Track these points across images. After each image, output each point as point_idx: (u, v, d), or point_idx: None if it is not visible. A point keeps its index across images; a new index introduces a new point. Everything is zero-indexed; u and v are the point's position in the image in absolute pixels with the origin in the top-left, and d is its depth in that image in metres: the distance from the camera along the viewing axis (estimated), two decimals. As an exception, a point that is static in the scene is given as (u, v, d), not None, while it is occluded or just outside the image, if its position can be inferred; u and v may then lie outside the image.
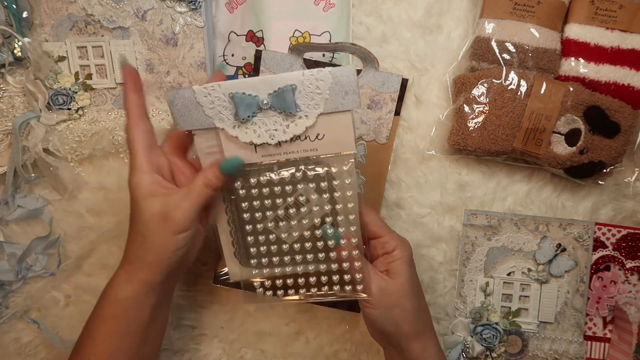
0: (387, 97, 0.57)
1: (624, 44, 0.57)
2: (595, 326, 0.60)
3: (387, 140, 0.57)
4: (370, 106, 0.57)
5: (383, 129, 0.57)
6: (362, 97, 0.55)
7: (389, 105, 0.57)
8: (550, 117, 0.56)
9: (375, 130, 0.57)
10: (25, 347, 0.60)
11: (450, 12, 0.60)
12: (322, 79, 0.42)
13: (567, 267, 0.58)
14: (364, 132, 0.57)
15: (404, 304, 0.45)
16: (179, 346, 0.61)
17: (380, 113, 0.57)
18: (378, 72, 0.56)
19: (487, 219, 0.59)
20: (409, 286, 0.46)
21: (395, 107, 0.57)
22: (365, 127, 0.56)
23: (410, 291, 0.46)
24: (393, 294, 0.45)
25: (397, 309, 0.45)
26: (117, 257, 0.59)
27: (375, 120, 0.57)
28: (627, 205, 0.61)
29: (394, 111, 0.57)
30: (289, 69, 0.54)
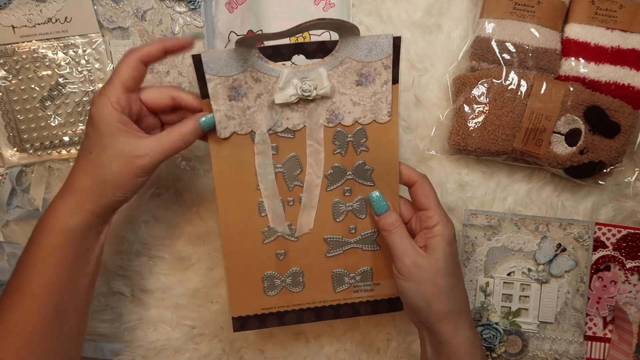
0: (379, 65, 0.47)
1: (624, 44, 0.57)
2: (595, 326, 0.60)
3: (389, 117, 0.48)
4: (359, 82, 0.47)
5: (382, 105, 0.48)
6: (347, 73, 0.47)
7: (383, 75, 0.47)
8: (550, 117, 0.56)
9: (372, 108, 0.48)
10: (25, 347, 0.60)
11: (450, 12, 0.60)
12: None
13: (567, 267, 0.58)
14: (359, 115, 0.48)
15: (436, 280, 0.45)
16: (179, 346, 0.61)
17: (374, 87, 0.48)
18: (360, 39, 0.46)
19: (487, 219, 0.59)
20: (444, 264, 0.45)
21: (392, 74, 0.47)
22: (359, 109, 0.48)
23: (445, 270, 0.45)
24: (425, 269, 0.45)
25: (428, 284, 0.45)
26: (117, 257, 0.60)
27: (370, 97, 0.48)
28: (627, 205, 0.60)
29: (391, 80, 0.47)
30: (243, 65, 0.45)
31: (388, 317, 0.61)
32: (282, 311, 0.52)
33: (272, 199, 0.49)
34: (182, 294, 0.61)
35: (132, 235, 0.60)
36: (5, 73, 0.57)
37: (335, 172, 0.49)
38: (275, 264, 0.51)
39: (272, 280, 0.51)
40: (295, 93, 0.46)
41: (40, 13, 0.56)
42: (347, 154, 0.49)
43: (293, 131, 0.48)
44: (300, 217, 0.50)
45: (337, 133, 0.48)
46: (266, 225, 0.50)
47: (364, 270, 0.52)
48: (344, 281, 0.52)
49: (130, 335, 0.60)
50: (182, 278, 0.60)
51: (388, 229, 0.47)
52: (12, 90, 0.57)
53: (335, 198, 0.50)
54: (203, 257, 0.60)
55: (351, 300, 0.52)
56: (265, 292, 0.51)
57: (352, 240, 0.51)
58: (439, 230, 0.46)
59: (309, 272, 0.51)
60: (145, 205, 0.60)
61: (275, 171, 0.49)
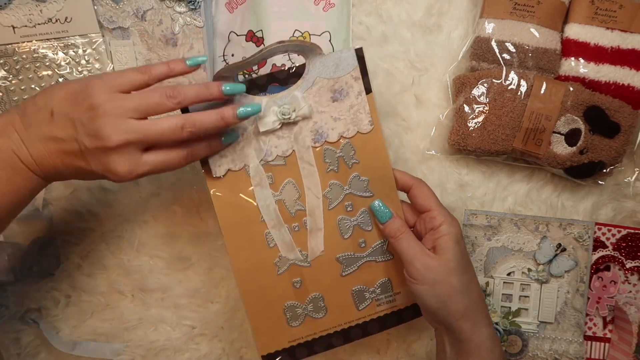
0: (349, 78, 0.49)
1: (624, 44, 0.57)
2: (595, 326, 0.60)
3: (372, 126, 0.49)
4: (334, 98, 0.49)
5: (361, 115, 0.49)
6: (321, 92, 0.48)
7: (355, 87, 0.49)
8: (550, 117, 0.56)
9: (353, 121, 0.49)
10: (25, 347, 0.60)
11: (450, 12, 0.60)
12: None
13: (567, 267, 0.58)
14: (342, 130, 0.49)
15: (450, 280, 0.44)
16: (179, 346, 0.61)
17: (349, 100, 0.49)
18: (325, 57, 0.48)
19: (487, 219, 0.59)
20: (455, 263, 0.45)
21: (364, 85, 0.49)
22: (341, 124, 0.49)
23: (456, 269, 0.45)
24: (437, 270, 0.45)
25: (442, 285, 0.44)
26: (117, 257, 0.60)
27: (348, 111, 0.49)
28: (627, 205, 0.60)
29: (364, 90, 0.49)
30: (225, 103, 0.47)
31: (388, 317, 0.61)
32: (310, 340, 0.51)
33: (278, 228, 0.49)
34: (182, 294, 0.61)
35: (132, 235, 0.60)
36: (5, 73, 0.57)
37: (333, 190, 0.50)
38: (294, 293, 0.51)
39: (293, 310, 0.51)
40: (276, 119, 0.47)
41: (40, 13, 0.56)
42: (340, 169, 0.49)
43: (283, 157, 0.49)
44: (310, 241, 0.50)
45: (326, 151, 0.49)
46: (277, 255, 0.50)
47: (382, 282, 0.52)
48: (364, 297, 0.51)
49: (130, 335, 0.60)
50: (182, 278, 0.61)
51: (394, 236, 0.47)
52: (12, 90, 0.57)
53: (339, 215, 0.50)
54: (203, 257, 0.60)
55: (376, 315, 0.52)
56: (289, 324, 0.51)
57: (364, 255, 0.51)
58: (445, 230, 0.46)
59: (328, 295, 0.51)
60: (145, 205, 0.60)
61: (275, 199, 0.49)
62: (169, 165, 0.43)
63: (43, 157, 0.42)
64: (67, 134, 0.41)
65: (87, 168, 0.42)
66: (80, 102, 0.41)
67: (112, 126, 0.40)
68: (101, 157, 0.41)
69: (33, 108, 0.42)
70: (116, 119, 0.40)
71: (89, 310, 0.60)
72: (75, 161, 0.42)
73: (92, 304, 0.60)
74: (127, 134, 0.40)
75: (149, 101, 0.41)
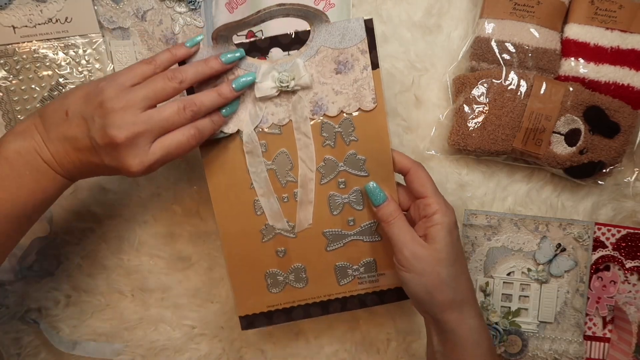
0: (355, 50, 0.46)
1: (623, 44, 0.57)
2: (595, 326, 0.60)
3: (375, 104, 0.47)
4: (338, 70, 0.47)
5: (365, 92, 0.47)
6: (325, 62, 0.47)
7: (362, 60, 0.47)
8: (550, 117, 0.56)
9: (355, 96, 0.47)
10: (25, 347, 0.60)
11: (450, 12, 0.60)
12: None
13: (567, 267, 0.58)
14: (343, 104, 0.47)
15: (438, 271, 0.44)
16: (179, 346, 0.61)
17: (353, 74, 0.47)
18: (331, 25, 0.46)
19: (487, 219, 0.59)
20: (445, 254, 0.44)
21: (370, 59, 0.47)
22: (342, 98, 0.47)
23: (446, 259, 0.44)
24: (426, 260, 0.44)
25: (430, 275, 0.44)
26: (117, 257, 0.60)
27: (352, 85, 0.47)
28: (627, 205, 0.61)
29: (370, 65, 0.47)
30: None
31: (388, 317, 0.61)
32: (289, 307, 0.52)
33: (267, 197, 0.49)
34: (182, 294, 0.61)
35: (132, 235, 0.60)
36: (5, 73, 0.57)
37: (327, 165, 0.49)
38: (277, 262, 0.51)
39: (274, 277, 0.51)
40: (274, 85, 0.46)
41: (40, 13, 0.56)
42: (337, 145, 0.49)
43: (279, 126, 0.48)
44: (299, 212, 0.50)
45: (324, 124, 0.48)
46: (263, 223, 0.50)
47: (367, 261, 0.51)
48: (347, 274, 0.52)
49: (130, 335, 0.60)
50: (182, 278, 0.61)
51: (387, 220, 0.47)
52: (12, 91, 0.57)
53: (330, 191, 0.50)
54: (203, 257, 0.60)
55: (357, 292, 0.52)
56: (269, 290, 0.51)
57: (351, 233, 0.51)
58: (439, 219, 0.45)
59: (310, 267, 0.51)
60: (145, 205, 0.60)
61: (266, 168, 0.49)
62: (178, 147, 0.43)
63: (62, 156, 0.43)
64: (81, 131, 0.42)
65: (102, 164, 0.43)
66: (92, 100, 0.42)
67: (120, 121, 0.41)
68: (112, 152, 0.42)
69: (51, 110, 0.43)
70: (124, 113, 0.41)
71: (89, 310, 0.60)
72: (90, 158, 0.43)
73: (92, 304, 0.60)
74: (134, 126, 0.41)
75: (154, 88, 0.42)
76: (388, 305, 0.60)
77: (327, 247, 0.51)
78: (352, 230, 0.51)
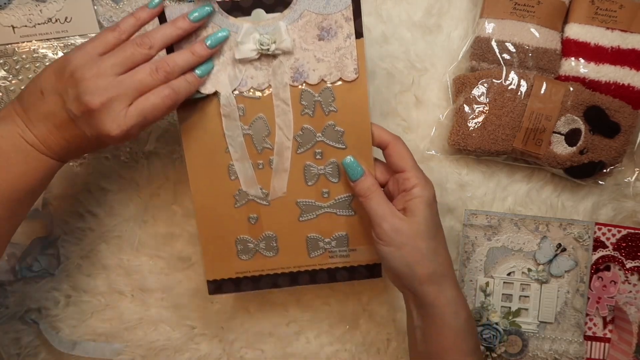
0: (339, 17, 0.45)
1: (624, 44, 0.57)
2: (595, 326, 0.60)
3: (356, 75, 0.46)
4: (321, 37, 0.45)
5: (347, 61, 0.46)
6: (308, 27, 0.45)
7: (345, 28, 0.45)
8: (550, 117, 0.56)
9: (337, 65, 0.46)
10: (25, 347, 0.60)
11: (450, 12, 0.60)
12: None
13: (567, 267, 0.58)
14: (324, 73, 0.46)
15: (416, 244, 0.44)
16: (179, 346, 0.61)
17: (336, 42, 0.46)
18: None
19: (487, 219, 0.59)
20: (424, 227, 0.44)
21: (355, 27, 0.45)
22: (323, 66, 0.46)
23: (425, 232, 0.44)
24: (405, 233, 0.44)
25: (408, 248, 0.44)
26: (117, 257, 0.60)
27: (334, 53, 0.46)
28: (627, 205, 0.60)
29: (354, 33, 0.46)
30: None
31: (388, 317, 0.61)
32: (257, 275, 0.52)
33: (242, 162, 0.49)
34: (182, 294, 0.61)
35: (132, 235, 0.60)
36: (5, 73, 0.57)
37: (305, 134, 0.49)
38: (248, 228, 0.50)
39: (245, 244, 0.51)
40: (254, 48, 0.45)
41: (40, 13, 0.56)
42: (316, 114, 0.48)
43: (258, 90, 0.47)
44: (273, 180, 0.49)
45: (304, 92, 0.48)
46: (237, 189, 0.50)
47: (339, 235, 0.51)
48: (318, 246, 0.51)
49: (130, 335, 0.60)
50: (182, 278, 0.61)
51: (364, 195, 0.46)
52: (12, 91, 0.57)
53: (306, 161, 0.49)
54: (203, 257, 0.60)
55: (327, 266, 0.52)
56: (239, 256, 0.51)
57: (325, 205, 0.50)
58: (418, 192, 0.45)
59: (282, 236, 0.51)
60: (145, 205, 0.60)
61: (242, 133, 0.48)
62: (154, 108, 0.43)
63: (46, 137, 0.43)
64: (57, 107, 0.42)
65: (83, 135, 0.43)
66: (63, 74, 0.42)
67: (93, 87, 0.41)
68: (90, 120, 0.42)
69: (27, 93, 0.44)
70: (96, 79, 0.41)
71: (89, 310, 0.60)
72: (71, 131, 0.43)
73: (92, 304, 0.60)
74: (106, 91, 0.41)
75: (123, 55, 0.42)
76: (388, 305, 0.60)
77: (300, 217, 0.50)
78: (326, 202, 0.50)
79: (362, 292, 0.61)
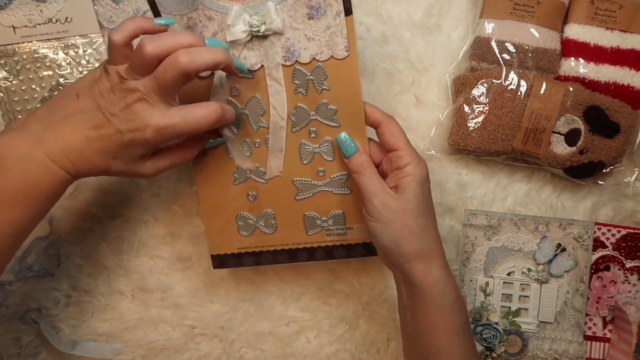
0: None
1: (623, 44, 0.57)
2: (595, 326, 0.60)
3: (347, 52, 0.46)
4: (310, 15, 0.46)
5: (337, 39, 0.46)
6: (297, 6, 0.46)
7: (334, 6, 0.45)
8: (550, 117, 0.56)
9: (328, 44, 0.46)
10: (25, 347, 0.60)
11: (450, 12, 0.60)
12: None
13: (566, 267, 0.58)
14: (315, 51, 0.46)
15: (405, 220, 0.44)
16: (179, 346, 0.61)
17: (326, 20, 0.46)
18: None
19: (487, 219, 0.59)
20: (414, 204, 0.44)
21: (344, 5, 0.45)
22: (314, 44, 0.46)
23: (415, 209, 0.44)
24: (394, 209, 0.44)
25: (397, 224, 0.44)
26: (117, 257, 0.60)
27: (324, 32, 0.46)
28: (627, 205, 0.61)
29: (343, 11, 0.46)
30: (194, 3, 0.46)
31: (388, 317, 0.61)
32: (257, 251, 0.53)
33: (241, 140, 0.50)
34: (182, 294, 0.61)
35: (132, 235, 0.60)
36: (6, 73, 0.57)
37: (299, 113, 0.49)
38: (248, 205, 0.52)
39: (245, 220, 0.52)
40: (245, 29, 0.45)
41: (40, 13, 0.56)
42: (309, 93, 0.48)
43: (252, 71, 0.48)
44: (270, 160, 0.50)
45: (296, 71, 0.48)
46: (236, 166, 0.51)
47: (335, 213, 0.52)
48: (315, 224, 0.52)
49: (130, 335, 0.60)
50: (182, 278, 0.61)
51: (357, 171, 0.47)
52: (12, 91, 0.57)
53: (301, 140, 0.50)
54: (203, 257, 0.60)
55: (324, 244, 0.53)
56: (240, 232, 0.52)
57: (320, 183, 0.51)
58: (410, 170, 0.45)
59: (280, 214, 0.52)
60: (145, 205, 0.60)
61: (239, 112, 0.49)
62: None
63: (67, 136, 0.42)
64: (91, 106, 0.42)
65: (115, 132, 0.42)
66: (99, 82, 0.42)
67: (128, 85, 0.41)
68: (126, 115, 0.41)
69: (60, 96, 0.44)
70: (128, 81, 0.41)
71: (89, 310, 0.60)
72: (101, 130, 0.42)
73: (92, 303, 0.60)
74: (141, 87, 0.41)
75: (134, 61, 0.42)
76: (388, 305, 0.60)
77: (297, 195, 0.51)
78: (321, 181, 0.51)
79: (362, 292, 0.61)
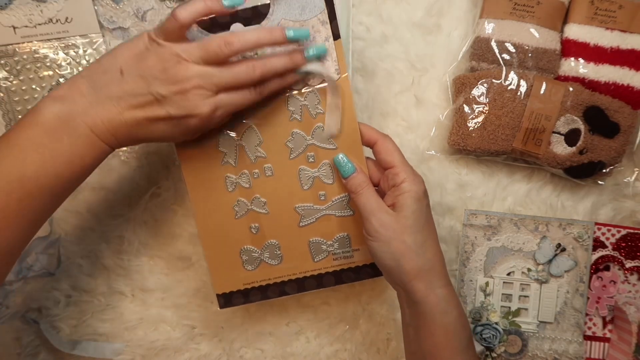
0: (315, 22, 0.46)
1: (623, 44, 0.57)
2: (594, 326, 0.60)
3: (339, 75, 0.47)
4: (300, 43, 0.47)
5: (328, 63, 0.47)
6: None
7: (323, 32, 0.47)
8: (550, 117, 0.56)
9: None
10: (25, 347, 0.60)
11: (450, 12, 0.60)
12: None
13: (566, 267, 0.58)
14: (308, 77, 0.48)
15: (404, 238, 0.44)
16: (179, 346, 0.61)
17: None
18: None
19: (487, 219, 0.59)
20: (411, 221, 0.44)
21: (332, 30, 0.47)
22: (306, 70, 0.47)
23: (412, 226, 0.44)
24: (392, 227, 0.44)
25: (396, 242, 0.44)
26: (117, 257, 0.60)
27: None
28: (627, 205, 0.61)
29: (332, 35, 0.47)
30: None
31: (388, 317, 0.61)
32: (264, 285, 0.52)
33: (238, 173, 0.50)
34: (182, 294, 0.61)
35: (132, 235, 0.60)
36: (6, 73, 0.57)
37: (296, 139, 0.49)
38: (251, 238, 0.51)
39: (249, 254, 0.51)
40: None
41: (40, 13, 0.56)
42: (304, 118, 0.49)
43: None
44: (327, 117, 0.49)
45: (290, 98, 0.48)
46: (236, 199, 0.50)
47: (340, 236, 0.51)
48: (321, 249, 0.51)
49: (130, 335, 0.60)
50: (182, 278, 0.61)
51: (355, 191, 0.47)
52: (13, 91, 0.57)
53: (300, 165, 0.50)
54: (203, 257, 0.60)
55: (332, 269, 0.52)
56: (244, 267, 0.52)
57: (323, 207, 0.51)
58: (406, 187, 0.45)
59: (284, 243, 0.51)
60: (145, 205, 0.60)
61: (235, 144, 0.49)
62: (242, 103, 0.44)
63: (113, 116, 0.42)
64: (140, 87, 0.42)
65: (165, 115, 0.42)
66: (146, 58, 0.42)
67: (187, 71, 0.41)
68: (180, 100, 0.42)
69: (100, 70, 0.42)
70: (188, 64, 0.41)
71: (89, 310, 0.60)
72: (150, 112, 0.42)
73: (92, 303, 0.60)
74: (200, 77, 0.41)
75: (209, 49, 0.42)
76: (388, 305, 0.60)
77: (300, 222, 0.51)
78: (323, 205, 0.51)
79: (362, 292, 0.61)
